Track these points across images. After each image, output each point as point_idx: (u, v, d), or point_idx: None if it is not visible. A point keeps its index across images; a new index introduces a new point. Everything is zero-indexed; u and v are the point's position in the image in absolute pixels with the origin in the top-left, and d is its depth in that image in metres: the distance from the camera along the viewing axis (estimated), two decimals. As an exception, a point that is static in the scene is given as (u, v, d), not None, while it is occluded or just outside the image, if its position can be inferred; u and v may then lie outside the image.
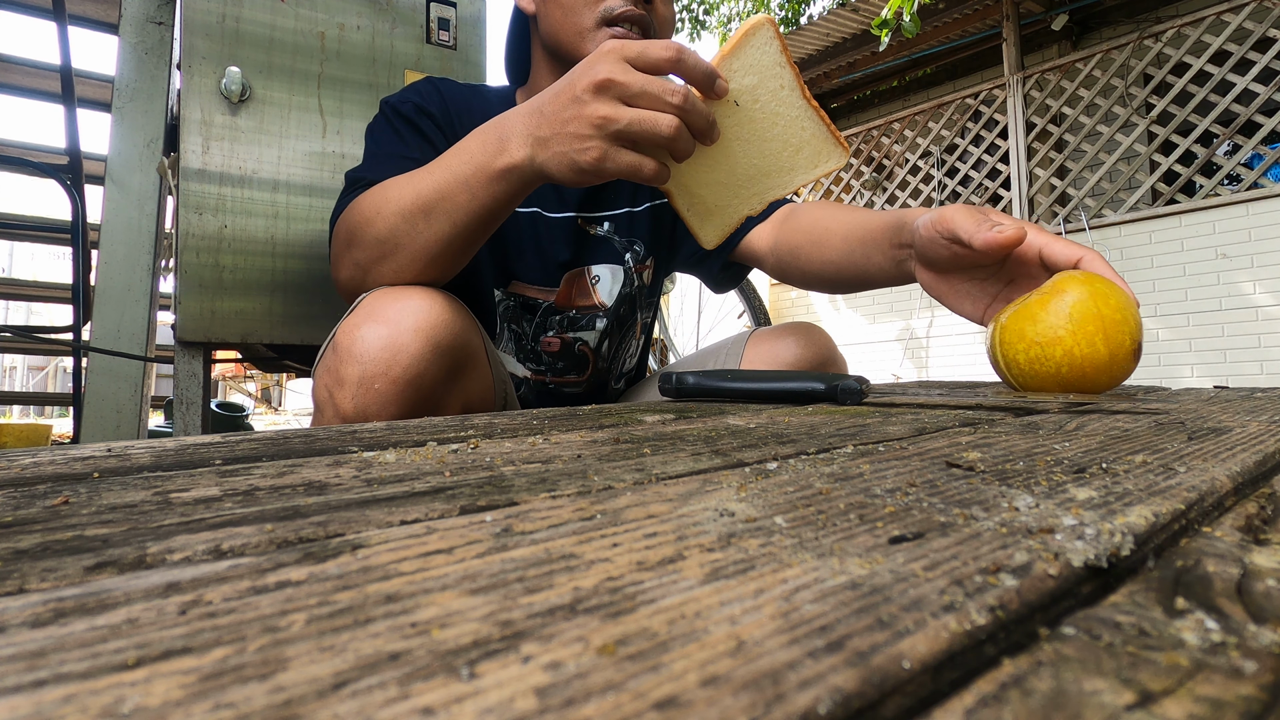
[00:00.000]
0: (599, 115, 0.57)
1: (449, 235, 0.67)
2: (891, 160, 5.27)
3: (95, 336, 1.50)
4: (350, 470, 0.28)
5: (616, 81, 0.56)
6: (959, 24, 5.06)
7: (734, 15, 8.59)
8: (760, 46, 0.58)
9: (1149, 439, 0.38)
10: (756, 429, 0.41)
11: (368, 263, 0.70)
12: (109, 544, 0.18)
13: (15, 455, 0.31)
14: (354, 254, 0.71)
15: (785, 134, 0.62)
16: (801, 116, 0.61)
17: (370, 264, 0.70)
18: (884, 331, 5.23)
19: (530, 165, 0.62)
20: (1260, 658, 0.13)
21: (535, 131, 0.61)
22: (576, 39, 0.84)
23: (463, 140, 0.67)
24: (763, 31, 0.58)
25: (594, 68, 0.57)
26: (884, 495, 0.24)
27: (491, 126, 0.65)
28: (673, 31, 0.92)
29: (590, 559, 0.17)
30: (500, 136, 0.63)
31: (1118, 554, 0.18)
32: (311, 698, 0.10)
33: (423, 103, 0.85)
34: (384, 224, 0.68)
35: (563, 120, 0.59)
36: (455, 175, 0.65)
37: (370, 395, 0.61)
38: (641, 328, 1.04)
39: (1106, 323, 0.66)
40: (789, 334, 0.92)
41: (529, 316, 0.91)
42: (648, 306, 1.03)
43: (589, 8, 0.83)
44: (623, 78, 0.56)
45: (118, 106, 1.51)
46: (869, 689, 0.11)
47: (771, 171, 0.64)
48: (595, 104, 0.57)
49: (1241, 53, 3.66)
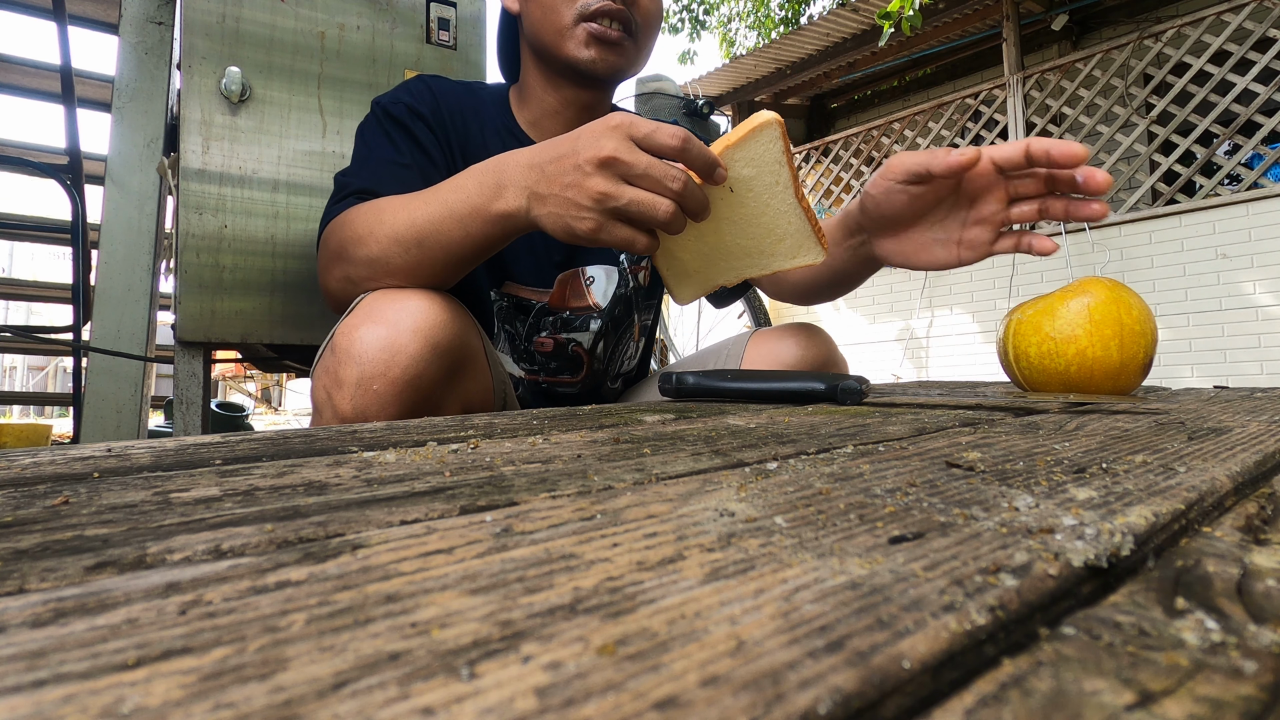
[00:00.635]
0: (599, 191, 0.58)
1: (442, 261, 0.68)
2: (891, 160, 5.27)
3: (95, 336, 1.50)
4: (350, 470, 0.28)
5: (621, 160, 0.57)
6: (959, 24, 5.06)
7: (734, 15, 8.60)
8: (765, 144, 0.60)
9: (1149, 439, 0.38)
10: (756, 429, 0.41)
11: (359, 278, 0.71)
12: (109, 544, 0.18)
13: (15, 455, 0.31)
14: (345, 268, 0.71)
15: (772, 224, 0.64)
16: (790, 212, 0.64)
17: (361, 279, 0.71)
18: (884, 331, 5.23)
19: (525, 216, 0.63)
20: (1260, 658, 0.13)
21: (534, 187, 0.62)
22: (556, 37, 0.83)
23: (461, 176, 0.67)
24: (769, 130, 0.60)
25: (599, 141, 0.58)
26: (884, 495, 0.24)
27: (491, 168, 0.65)
28: (659, 25, 0.91)
29: (590, 559, 0.17)
30: (499, 182, 0.64)
31: (1118, 554, 0.18)
32: (311, 698, 0.10)
33: (414, 103, 0.84)
34: (376, 246, 0.68)
35: (563, 185, 0.60)
36: (451, 210, 0.66)
37: (369, 396, 0.60)
38: (641, 330, 1.04)
39: (1125, 330, 0.66)
40: (790, 335, 0.92)
41: (522, 317, 0.91)
42: (646, 309, 1.03)
43: (567, 5, 0.82)
44: (627, 157, 0.57)
45: (118, 106, 1.51)
46: (869, 689, 0.11)
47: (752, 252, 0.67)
48: (597, 178, 0.58)
49: (1241, 53, 3.66)
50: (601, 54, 0.82)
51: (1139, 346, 0.67)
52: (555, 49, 0.84)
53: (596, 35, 0.82)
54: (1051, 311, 0.69)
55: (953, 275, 4.84)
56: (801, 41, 5.37)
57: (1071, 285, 0.70)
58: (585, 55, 0.82)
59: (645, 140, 0.58)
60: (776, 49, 5.50)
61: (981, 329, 4.69)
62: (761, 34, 8.34)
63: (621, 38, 0.83)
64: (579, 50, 0.82)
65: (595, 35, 0.82)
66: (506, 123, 0.91)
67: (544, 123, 0.91)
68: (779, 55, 5.60)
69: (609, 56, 0.83)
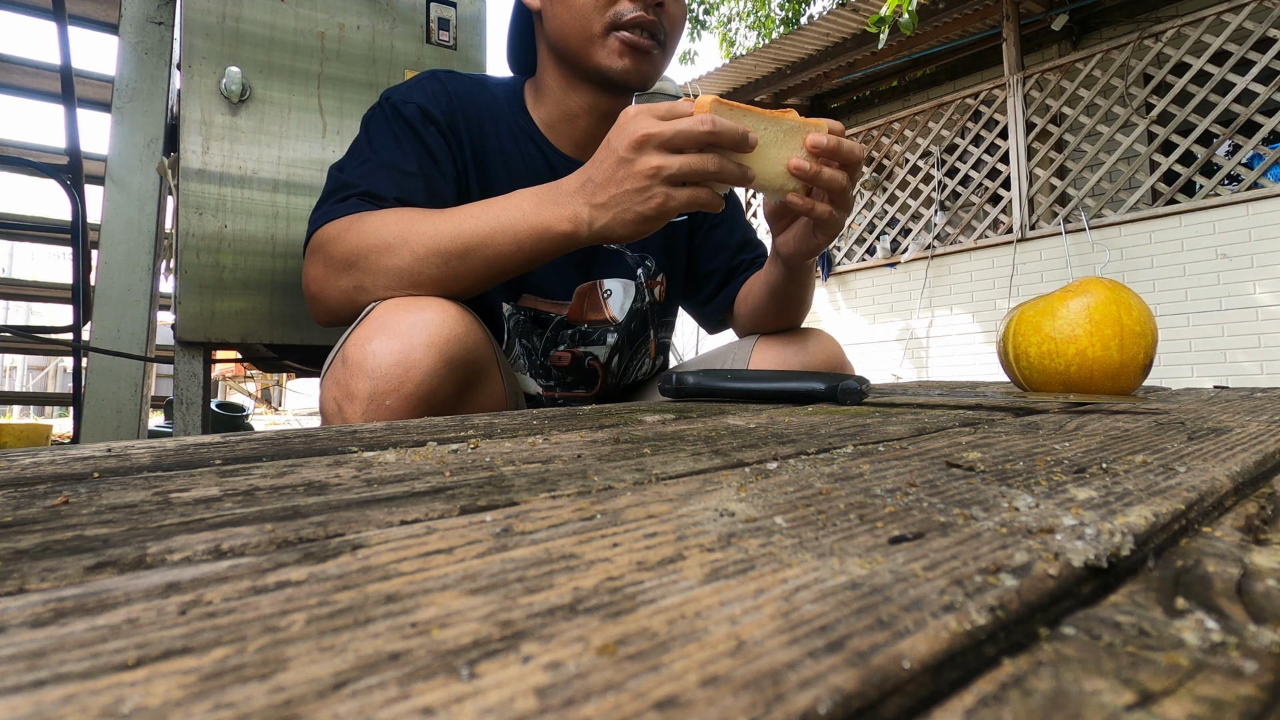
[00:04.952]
0: (651, 166, 0.61)
1: (482, 274, 0.69)
2: (891, 160, 5.28)
3: (95, 336, 1.50)
4: (350, 470, 0.28)
5: (652, 134, 0.61)
6: (959, 24, 5.06)
7: (734, 15, 8.60)
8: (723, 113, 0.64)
9: (1149, 439, 0.38)
10: (756, 429, 0.41)
11: (376, 287, 0.69)
12: (109, 544, 0.18)
13: (15, 455, 0.31)
14: (359, 277, 0.69)
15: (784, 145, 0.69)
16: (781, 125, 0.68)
17: (379, 288, 0.69)
18: (884, 331, 5.23)
19: (589, 230, 0.65)
20: (1260, 658, 0.13)
21: (590, 199, 0.64)
22: (586, 44, 0.81)
23: (515, 196, 0.69)
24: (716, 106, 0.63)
25: (625, 129, 0.62)
26: (884, 495, 0.24)
27: (546, 192, 0.68)
28: (683, 30, 0.90)
29: (590, 559, 0.17)
30: (556, 202, 0.66)
31: (1118, 554, 0.18)
32: (311, 698, 0.10)
33: (428, 105, 0.81)
34: (410, 256, 0.68)
35: (617, 181, 0.63)
36: (503, 225, 0.67)
37: (382, 411, 0.60)
38: (657, 347, 1.03)
39: (1125, 331, 0.66)
40: (796, 339, 0.92)
41: (540, 330, 0.90)
42: (662, 325, 1.02)
43: (599, 12, 0.80)
44: (656, 129, 0.61)
45: (118, 106, 1.51)
46: (869, 689, 0.11)
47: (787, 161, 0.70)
48: (643, 158, 0.62)
49: (1241, 53, 3.66)
50: (636, 64, 0.82)
51: (1139, 347, 0.67)
52: (583, 56, 0.82)
53: (630, 44, 0.80)
54: (1051, 311, 0.69)
55: (953, 275, 4.84)
56: (801, 41, 5.37)
57: (1071, 285, 0.70)
58: (619, 65, 0.81)
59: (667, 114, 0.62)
60: (776, 49, 5.50)
61: (981, 329, 4.69)
62: (761, 34, 8.34)
63: (652, 46, 0.82)
64: (612, 60, 0.81)
65: (629, 44, 0.80)
66: (523, 123, 0.89)
67: (561, 126, 0.89)
68: (779, 55, 5.60)
69: (643, 66, 0.82)
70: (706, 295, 1.05)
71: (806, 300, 0.92)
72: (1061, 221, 4.33)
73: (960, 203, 4.80)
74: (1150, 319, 0.68)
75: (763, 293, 0.92)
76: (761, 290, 0.92)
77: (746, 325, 1.00)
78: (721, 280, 1.03)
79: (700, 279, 1.05)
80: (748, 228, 1.07)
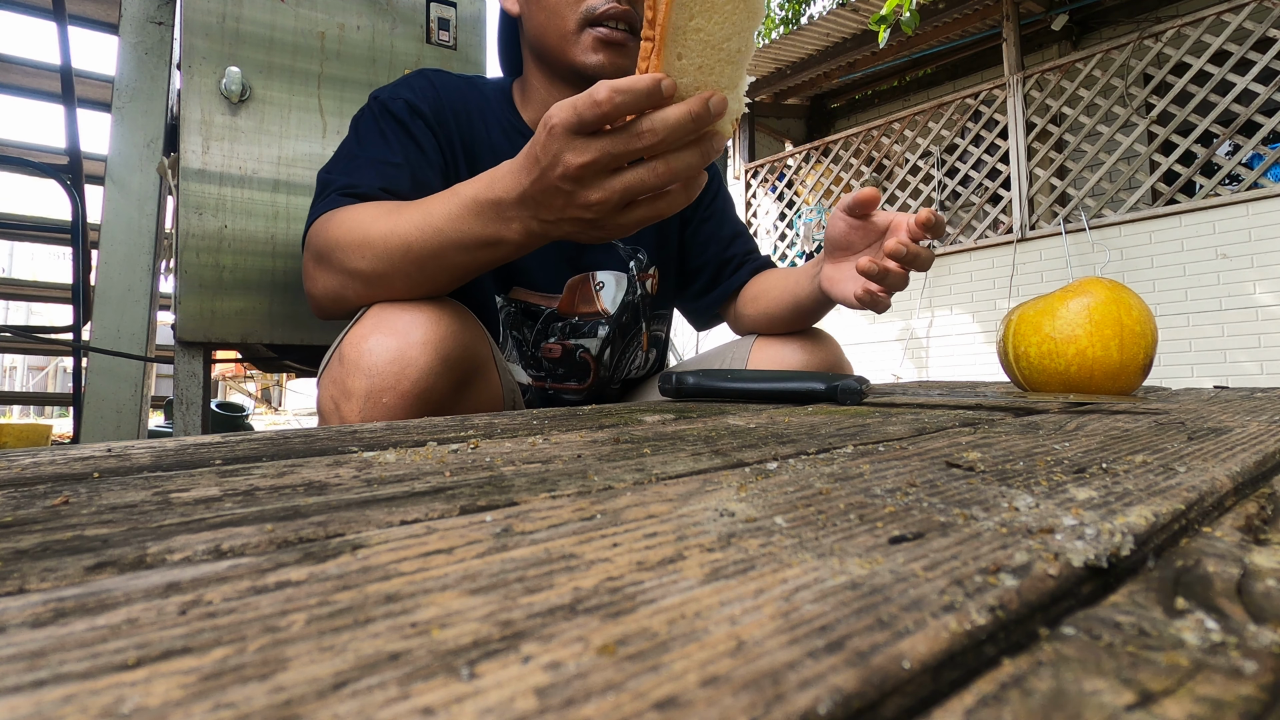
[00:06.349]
0: (592, 201, 0.55)
1: (440, 280, 0.66)
2: (891, 160, 5.27)
3: (95, 336, 1.50)
4: (350, 470, 0.28)
5: (587, 163, 0.53)
6: (959, 24, 5.06)
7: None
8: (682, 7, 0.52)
9: (1149, 439, 0.38)
10: (756, 429, 0.41)
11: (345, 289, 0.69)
12: (109, 544, 0.18)
13: (15, 455, 0.31)
14: (332, 277, 0.69)
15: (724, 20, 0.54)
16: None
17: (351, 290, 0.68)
18: (884, 331, 5.23)
19: (541, 237, 0.61)
20: (1260, 658, 0.13)
21: (537, 215, 0.59)
22: (561, 42, 0.82)
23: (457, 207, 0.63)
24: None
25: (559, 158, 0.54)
26: (884, 495, 0.24)
27: (490, 206, 0.61)
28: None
29: (590, 559, 0.17)
30: (500, 215, 0.61)
31: (1118, 554, 0.18)
32: (311, 698, 0.10)
33: (415, 100, 0.82)
34: (366, 261, 0.66)
35: (558, 209, 0.57)
36: (450, 242, 0.63)
37: (378, 409, 0.60)
38: (651, 340, 1.02)
39: (1125, 331, 0.66)
40: (796, 339, 0.92)
41: (530, 323, 0.90)
42: (655, 318, 1.02)
43: (570, 9, 0.80)
44: (590, 156, 0.53)
45: (118, 106, 1.51)
46: (869, 689, 0.11)
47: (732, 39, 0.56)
48: (583, 192, 0.55)
49: (1241, 53, 3.66)
50: (610, 58, 0.81)
51: (1139, 347, 0.67)
52: (560, 54, 0.83)
53: (604, 39, 0.80)
54: (1051, 311, 0.69)
55: (953, 275, 4.84)
56: (801, 41, 5.37)
57: (1071, 285, 0.70)
58: (594, 60, 0.81)
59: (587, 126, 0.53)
60: (776, 49, 5.50)
61: (981, 329, 4.69)
62: (761, 34, 8.34)
63: (626, 38, 0.82)
64: (586, 56, 0.81)
65: (602, 40, 0.80)
66: (512, 120, 0.90)
67: None
68: (779, 55, 5.60)
69: (616, 60, 0.82)
70: (698, 290, 1.04)
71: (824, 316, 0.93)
72: (1061, 221, 4.33)
73: (960, 203, 4.80)
74: (1150, 319, 0.68)
75: (786, 304, 0.91)
76: (785, 301, 0.91)
77: (752, 326, 0.99)
78: (713, 275, 1.03)
79: (690, 273, 1.04)
80: (737, 220, 1.07)
